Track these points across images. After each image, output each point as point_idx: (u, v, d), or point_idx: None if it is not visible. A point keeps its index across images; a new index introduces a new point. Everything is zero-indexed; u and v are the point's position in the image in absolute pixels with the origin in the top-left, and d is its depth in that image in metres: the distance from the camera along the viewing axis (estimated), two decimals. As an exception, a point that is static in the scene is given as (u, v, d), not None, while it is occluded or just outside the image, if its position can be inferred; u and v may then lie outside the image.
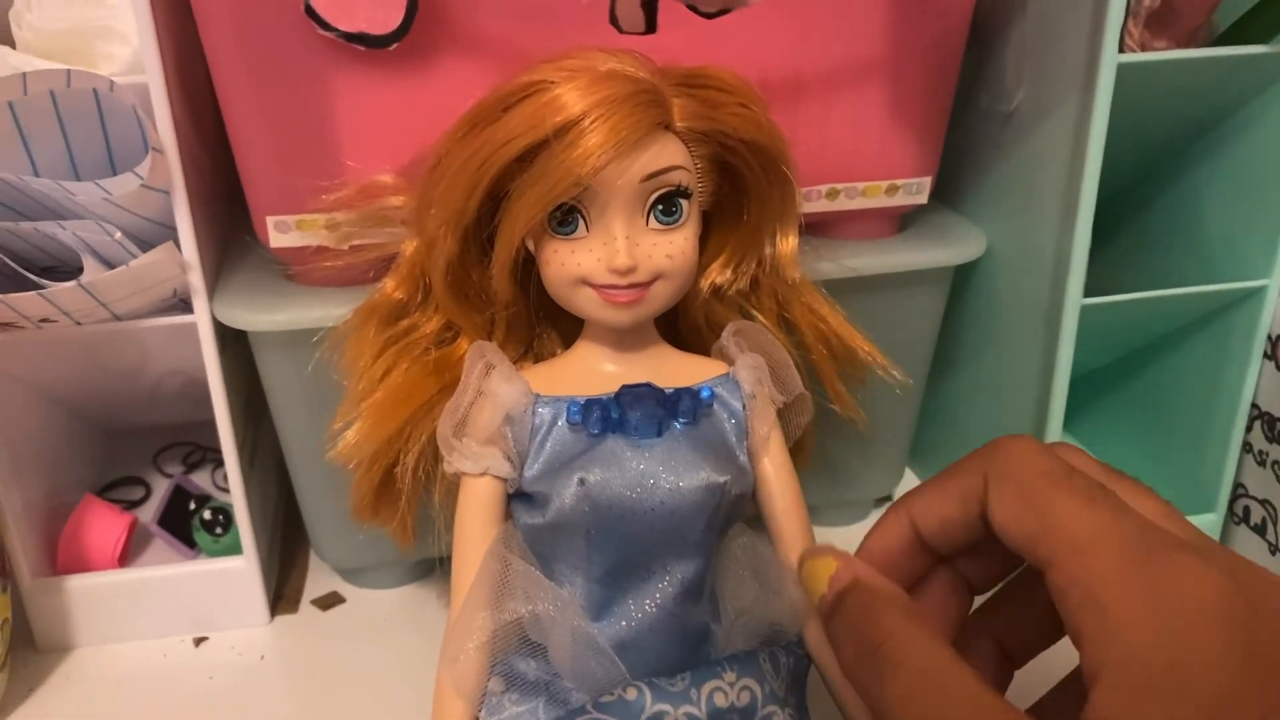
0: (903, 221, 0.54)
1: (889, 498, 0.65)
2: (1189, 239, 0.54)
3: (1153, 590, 0.27)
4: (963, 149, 0.56)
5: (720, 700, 0.37)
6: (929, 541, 0.35)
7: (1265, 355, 0.52)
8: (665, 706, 0.36)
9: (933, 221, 0.55)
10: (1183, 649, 0.26)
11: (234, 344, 0.50)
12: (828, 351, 0.47)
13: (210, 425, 0.51)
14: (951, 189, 0.57)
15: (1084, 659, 0.28)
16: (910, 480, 0.67)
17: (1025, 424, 0.53)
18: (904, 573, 0.36)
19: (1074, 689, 0.33)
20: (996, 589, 0.39)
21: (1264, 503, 0.54)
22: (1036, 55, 0.49)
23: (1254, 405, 0.54)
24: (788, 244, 0.44)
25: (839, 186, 0.50)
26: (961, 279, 0.56)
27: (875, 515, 0.64)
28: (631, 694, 0.36)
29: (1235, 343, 0.53)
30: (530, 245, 0.40)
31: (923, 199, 0.52)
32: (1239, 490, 0.56)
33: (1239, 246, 0.52)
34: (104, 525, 0.55)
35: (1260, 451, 0.54)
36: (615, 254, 0.37)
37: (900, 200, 0.51)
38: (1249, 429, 0.54)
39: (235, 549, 0.54)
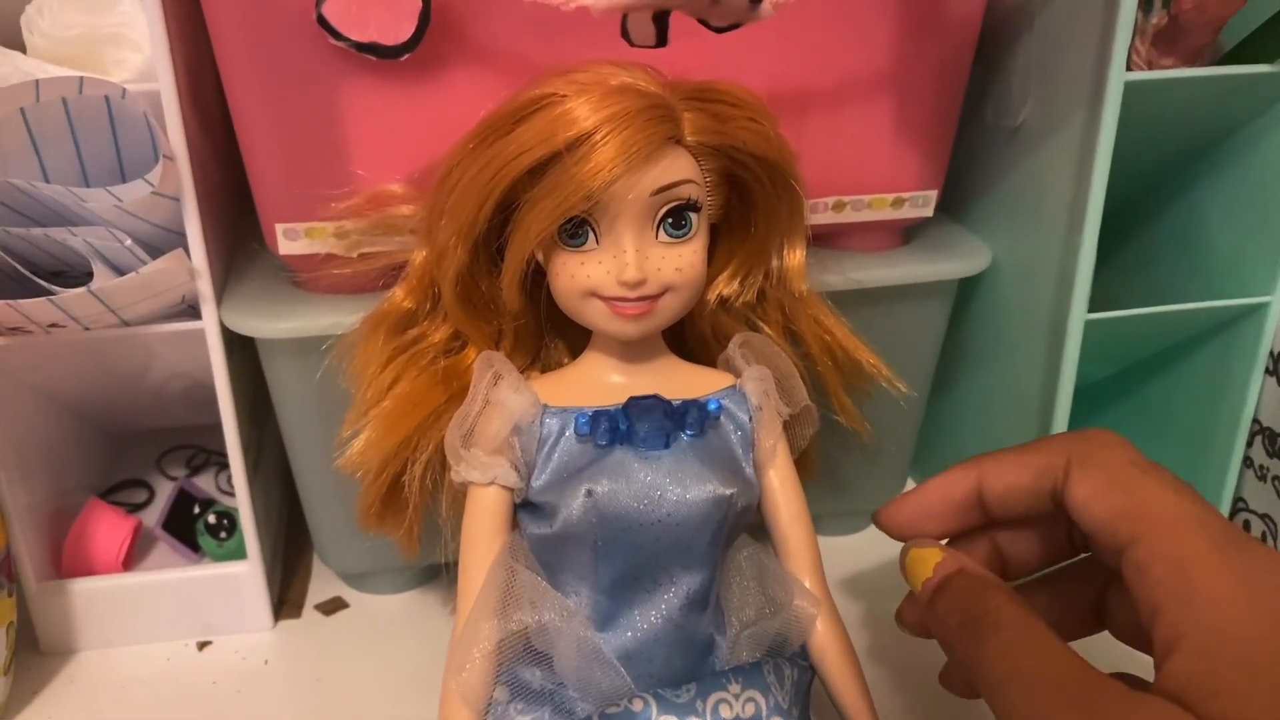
0: (908, 234, 0.55)
1: (891, 508, 0.65)
2: (1192, 255, 0.54)
3: (1238, 573, 0.30)
4: (968, 163, 0.56)
5: (725, 712, 0.37)
6: (987, 503, 0.39)
7: (1267, 371, 0.52)
8: (671, 717, 0.36)
9: (938, 234, 0.56)
10: (1265, 626, 0.29)
11: (240, 349, 0.51)
12: (832, 363, 0.48)
13: (213, 428, 0.51)
14: (957, 202, 0.57)
15: (1160, 629, 0.30)
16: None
17: (1028, 436, 0.53)
18: (951, 523, 0.40)
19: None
20: (1036, 576, 0.42)
21: (1264, 517, 0.55)
22: (1043, 71, 0.50)
23: (1255, 420, 0.54)
24: (795, 257, 0.44)
25: (845, 199, 0.50)
26: (966, 292, 0.56)
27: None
28: (638, 705, 0.36)
29: (1237, 358, 0.53)
30: (540, 257, 0.40)
31: (928, 212, 0.52)
32: (1239, 505, 0.56)
33: (1242, 263, 0.52)
34: (109, 529, 0.55)
35: (1261, 466, 0.54)
36: (625, 267, 0.37)
37: (906, 213, 0.51)
38: (1250, 444, 0.54)
39: (239, 553, 0.54)
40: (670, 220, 0.38)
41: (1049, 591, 0.41)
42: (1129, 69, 0.44)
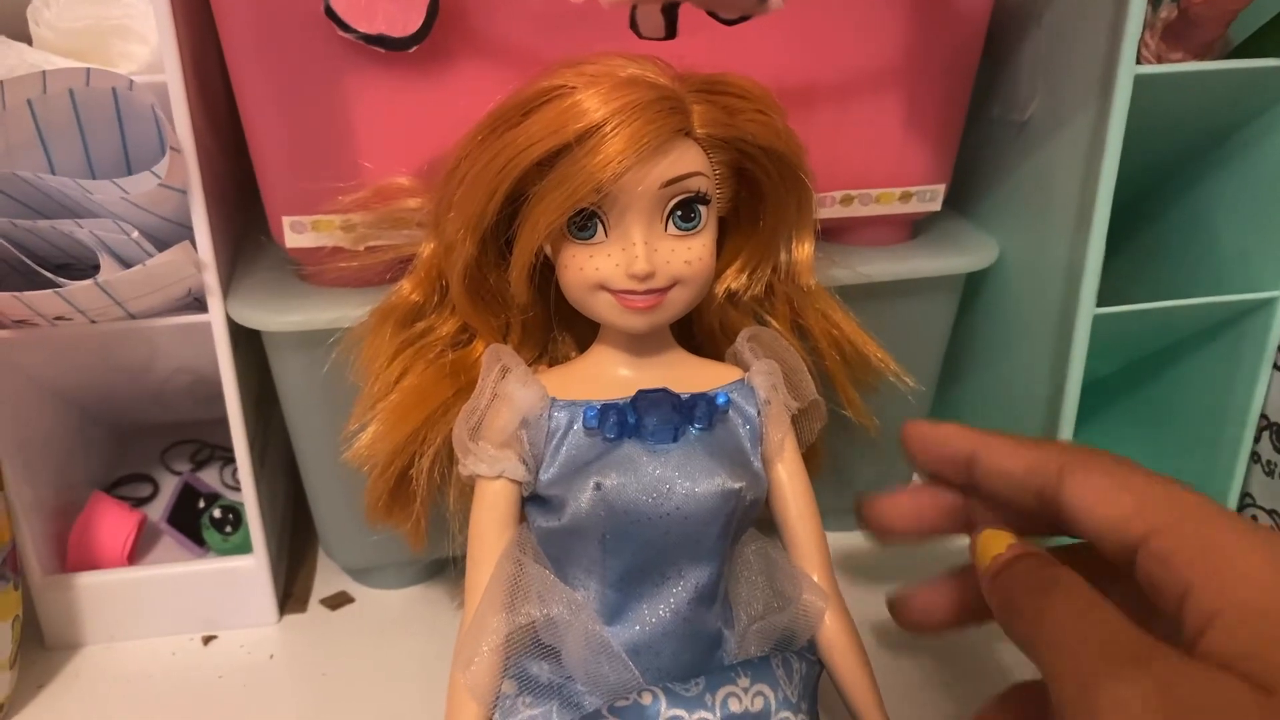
0: (916, 228, 0.55)
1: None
2: (1201, 250, 0.54)
3: (1266, 552, 0.31)
4: (976, 157, 0.56)
5: (734, 705, 0.37)
6: (972, 472, 0.40)
7: (1275, 366, 0.52)
8: (680, 711, 0.36)
9: (945, 229, 0.56)
10: None
11: (246, 343, 0.51)
12: (840, 358, 0.47)
13: (217, 423, 0.51)
14: (964, 197, 0.57)
15: (1192, 607, 0.31)
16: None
17: (1035, 431, 0.54)
18: (944, 469, 0.41)
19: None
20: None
21: (1271, 513, 0.55)
22: (1051, 65, 0.50)
23: (1263, 416, 0.54)
24: (803, 250, 0.44)
25: (853, 193, 0.50)
26: (973, 286, 0.56)
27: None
28: (647, 699, 0.36)
29: (1246, 353, 0.53)
30: (548, 250, 0.40)
31: (936, 206, 0.52)
32: (1246, 500, 0.56)
33: (1251, 258, 0.52)
34: (114, 523, 0.55)
35: (1269, 462, 0.54)
36: (634, 259, 0.37)
37: (914, 207, 0.51)
38: (1258, 439, 0.54)
39: (244, 548, 0.54)
40: (679, 213, 0.38)
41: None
42: (1138, 63, 0.44)
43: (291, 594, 0.58)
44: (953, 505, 0.42)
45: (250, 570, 0.54)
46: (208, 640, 0.54)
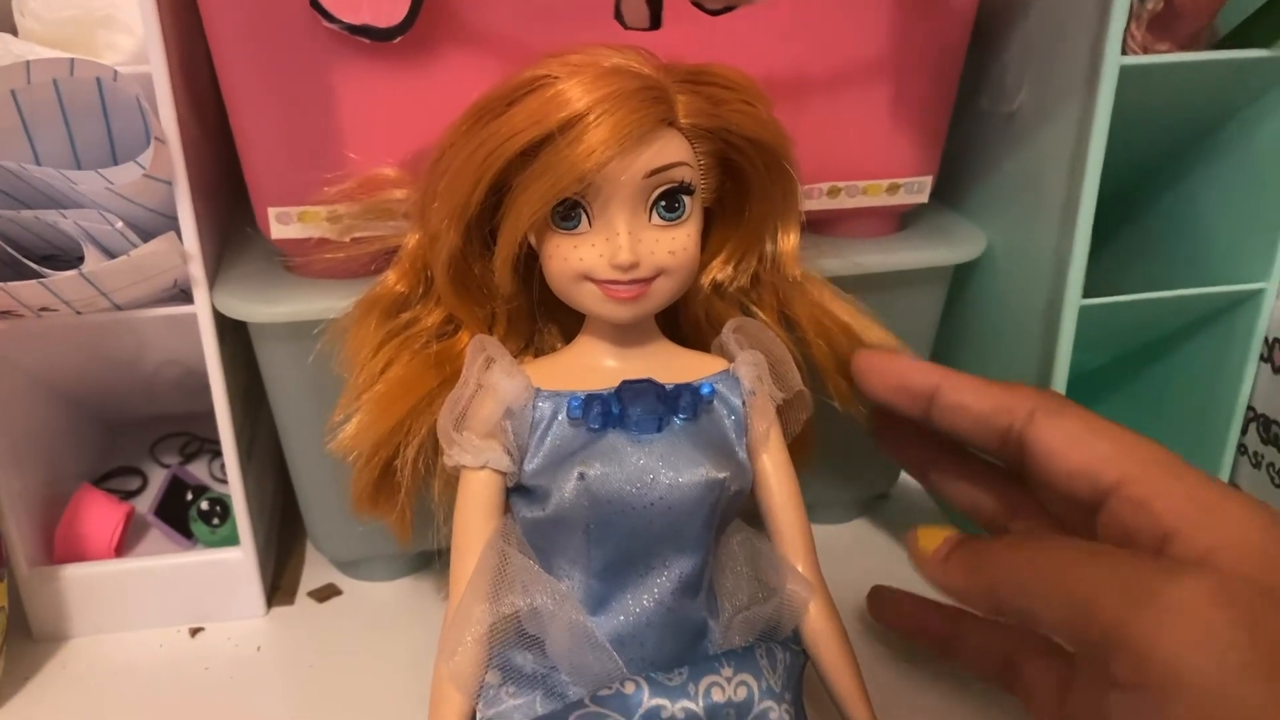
0: (903, 220, 0.55)
1: (885, 495, 0.65)
2: (1188, 241, 0.54)
3: (1240, 498, 0.32)
4: (964, 149, 0.56)
5: (718, 695, 0.37)
6: (934, 408, 0.41)
7: (1262, 358, 0.52)
8: (663, 701, 0.36)
9: (933, 221, 0.56)
10: None
11: (233, 335, 0.50)
12: (829, 346, 0.47)
13: (206, 416, 0.51)
14: (952, 188, 0.57)
15: (1179, 551, 0.32)
16: (905, 480, 0.67)
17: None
18: (900, 398, 0.43)
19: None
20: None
21: (1259, 505, 0.55)
22: (1038, 56, 0.50)
23: (1250, 408, 0.54)
24: (789, 241, 0.44)
25: (840, 184, 0.50)
26: (961, 278, 0.56)
27: (869, 514, 0.64)
28: (630, 688, 0.36)
29: (1233, 345, 0.53)
30: (533, 240, 0.40)
31: (923, 198, 0.52)
32: (1234, 492, 0.56)
33: (1238, 249, 0.52)
34: (101, 515, 0.55)
35: (1255, 453, 0.54)
36: (618, 250, 0.37)
37: (901, 199, 0.51)
38: (1244, 431, 0.54)
39: (232, 540, 0.54)
40: (663, 203, 0.38)
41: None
42: (1124, 53, 0.44)
43: (279, 586, 0.58)
44: (920, 387, 0.43)
45: (238, 562, 0.54)
46: (195, 632, 0.54)
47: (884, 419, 0.49)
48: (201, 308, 0.48)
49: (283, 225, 0.46)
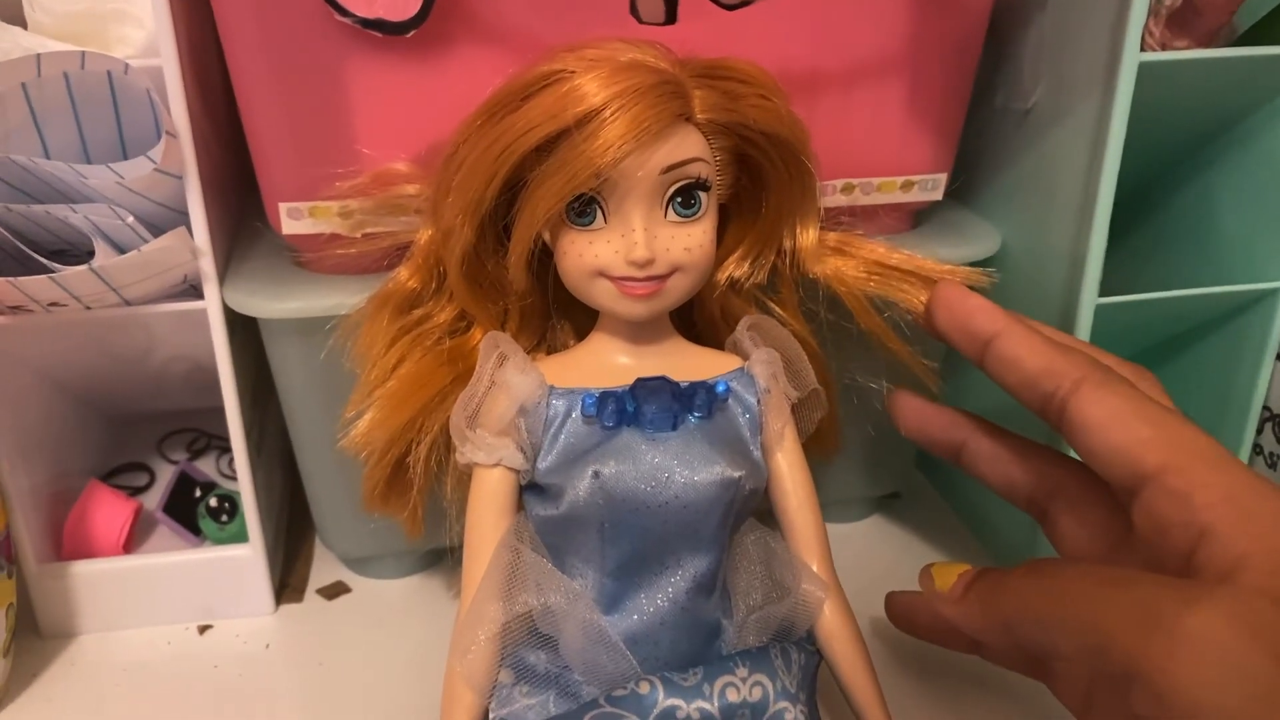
0: (917, 218, 0.54)
1: (896, 494, 0.65)
2: (1204, 240, 0.54)
3: None
4: (978, 146, 0.55)
5: (732, 696, 0.37)
6: (986, 353, 0.40)
7: (1278, 357, 0.52)
8: (678, 701, 0.36)
9: (947, 218, 0.55)
10: None
11: (242, 330, 0.50)
12: (881, 318, 0.47)
13: (214, 412, 0.51)
14: (966, 186, 0.57)
15: (1214, 549, 0.31)
16: (919, 479, 0.67)
17: (1038, 421, 0.53)
18: (960, 337, 0.42)
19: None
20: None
21: (1273, 505, 0.54)
22: (1055, 53, 0.49)
23: (1265, 408, 0.53)
24: (808, 236, 0.44)
25: (854, 181, 0.50)
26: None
27: (881, 512, 0.64)
28: (644, 688, 0.36)
29: (1248, 344, 0.53)
30: (547, 236, 0.39)
31: (937, 195, 0.52)
32: (1248, 492, 0.56)
33: (1254, 248, 0.51)
34: (109, 511, 0.55)
35: (1271, 454, 0.54)
36: (633, 246, 0.37)
37: (915, 196, 0.51)
38: (1260, 431, 0.54)
39: (241, 537, 0.54)
40: (679, 199, 0.38)
41: None
42: (1142, 50, 0.44)
43: (288, 583, 0.57)
44: (981, 331, 0.41)
45: (246, 559, 0.53)
46: (204, 630, 0.54)
47: (908, 399, 0.47)
48: (212, 303, 0.47)
49: (294, 221, 0.46)
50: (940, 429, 0.46)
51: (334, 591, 0.57)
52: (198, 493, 0.59)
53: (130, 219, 0.44)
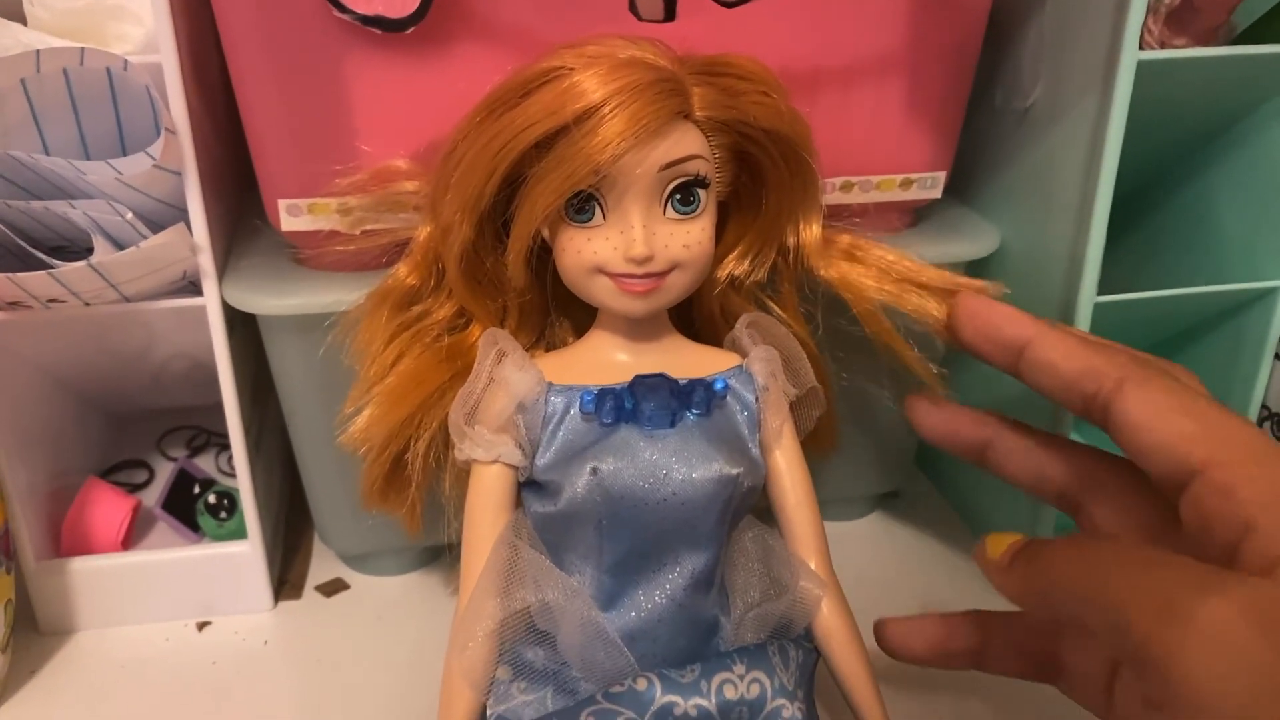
0: (916, 216, 0.54)
1: (895, 493, 0.65)
2: (1203, 238, 0.54)
3: None
4: (977, 144, 0.55)
5: (730, 692, 0.37)
6: (1020, 361, 0.40)
7: (1277, 356, 0.52)
8: (675, 698, 0.36)
9: (946, 216, 0.55)
10: None
11: (241, 327, 0.50)
12: (887, 324, 0.46)
13: (213, 409, 0.51)
14: (965, 184, 0.57)
15: (1259, 544, 0.30)
16: (918, 477, 0.67)
17: (1037, 421, 0.53)
18: (991, 348, 0.41)
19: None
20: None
21: (1272, 504, 0.54)
22: (1054, 52, 0.49)
23: (1264, 406, 0.54)
24: (811, 232, 0.43)
25: (853, 179, 0.50)
26: (974, 274, 0.55)
27: (880, 510, 0.64)
28: (641, 685, 0.36)
29: (1247, 343, 0.53)
30: (546, 233, 0.39)
31: (936, 194, 0.51)
32: (1247, 491, 0.56)
33: (1253, 247, 0.51)
34: (108, 508, 0.55)
35: (1269, 453, 0.54)
36: (632, 243, 0.37)
37: (914, 194, 0.51)
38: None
39: (239, 533, 0.54)
40: (678, 196, 0.38)
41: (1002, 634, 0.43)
42: (1141, 49, 0.44)
43: (286, 580, 0.57)
44: (1012, 339, 0.41)
45: (245, 556, 0.54)
46: (202, 626, 0.54)
47: (925, 402, 0.47)
48: (211, 300, 0.47)
49: (293, 217, 0.46)
50: (963, 428, 0.45)
51: (332, 588, 0.57)
52: (196, 489, 0.59)
53: (129, 215, 0.44)
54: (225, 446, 0.66)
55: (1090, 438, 0.48)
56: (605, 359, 0.41)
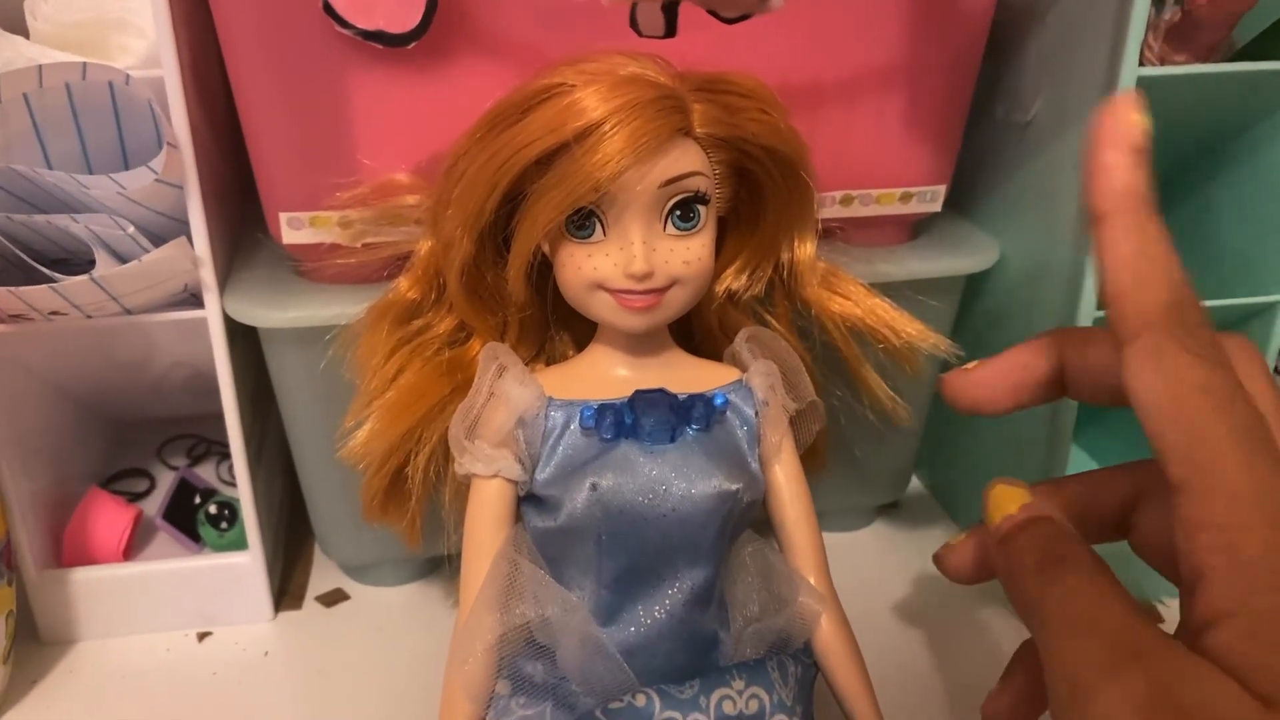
0: (916, 229, 0.54)
1: (895, 504, 0.65)
2: (1204, 253, 0.54)
3: None
4: (978, 158, 0.56)
5: (729, 708, 0.37)
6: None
7: (1277, 370, 0.52)
8: (674, 713, 0.36)
9: (946, 230, 0.55)
10: None
11: (242, 339, 0.50)
12: (858, 349, 0.47)
13: (214, 418, 0.51)
14: (965, 198, 0.57)
15: (1206, 597, 0.28)
16: (917, 488, 0.67)
17: (1036, 435, 0.53)
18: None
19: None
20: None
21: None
22: (1054, 66, 0.49)
23: (1264, 420, 0.53)
24: (805, 250, 0.44)
25: (853, 193, 0.50)
26: (973, 288, 0.56)
27: (879, 522, 0.64)
28: (641, 700, 0.36)
29: (1247, 357, 0.53)
30: (546, 248, 0.39)
31: (936, 207, 0.52)
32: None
33: (1254, 261, 0.51)
34: (110, 518, 0.55)
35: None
36: (632, 259, 0.37)
37: (914, 208, 0.51)
38: (1258, 443, 0.54)
39: (240, 544, 0.54)
40: (678, 212, 0.38)
41: (1076, 489, 0.39)
42: (1141, 64, 0.44)
43: (287, 591, 0.58)
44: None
45: (246, 566, 0.54)
46: (203, 637, 0.54)
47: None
48: (212, 313, 0.47)
49: (294, 230, 0.46)
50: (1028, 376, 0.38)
51: (333, 599, 0.57)
52: (197, 499, 0.59)
53: (131, 229, 0.44)
54: (226, 455, 0.66)
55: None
56: (605, 374, 0.41)
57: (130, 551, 0.56)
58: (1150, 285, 0.31)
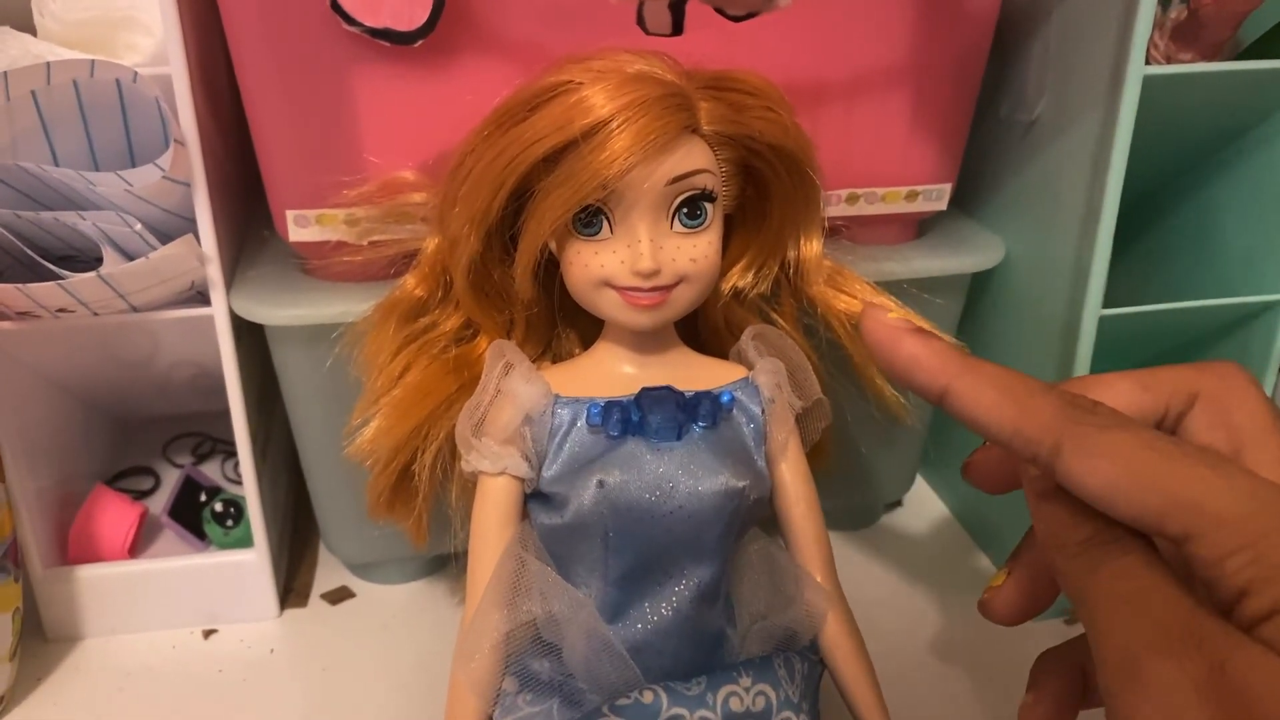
0: (921, 228, 0.54)
1: (899, 503, 0.65)
2: (1208, 252, 0.54)
3: None
4: (983, 156, 0.56)
5: (735, 705, 0.37)
6: (941, 404, 0.34)
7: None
8: (681, 710, 0.36)
9: (951, 228, 0.55)
10: None
11: (248, 337, 0.50)
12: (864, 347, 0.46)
13: (219, 416, 0.51)
14: (971, 196, 0.57)
15: (1252, 604, 0.28)
16: (921, 486, 0.67)
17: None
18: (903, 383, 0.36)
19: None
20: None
21: (1276, 516, 0.54)
22: (1060, 65, 0.49)
23: (1269, 419, 0.53)
24: (812, 248, 0.44)
25: (859, 191, 0.50)
26: (979, 286, 0.56)
27: (884, 520, 0.64)
28: (648, 697, 0.36)
29: (1251, 356, 0.53)
30: (553, 246, 0.39)
31: (942, 205, 0.52)
32: (1251, 504, 0.56)
33: (1257, 260, 0.51)
34: (115, 516, 0.55)
35: (1274, 466, 0.54)
36: (639, 257, 0.37)
37: (919, 206, 0.51)
38: (1263, 442, 0.54)
39: (245, 541, 0.54)
40: (685, 210, 0.38)
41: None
42: (1147, 63, 0.44)
43: (292, 588, 0.58)
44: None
45: (251, 564, 0.54)
46: (208, 634, 0.54)
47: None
48: (219, 310, 0.47)
49: (300, 228, 0.46)
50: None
51: (338, 596, 0.57)
52: (203, 497, 0.59)
53: (138, 226, 0.44)
54: (231, 453, 0.66)
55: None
56: (612, 371, 0.41)
57: (135, 549, 0.56)
58: (1033, 403, 0.32)
